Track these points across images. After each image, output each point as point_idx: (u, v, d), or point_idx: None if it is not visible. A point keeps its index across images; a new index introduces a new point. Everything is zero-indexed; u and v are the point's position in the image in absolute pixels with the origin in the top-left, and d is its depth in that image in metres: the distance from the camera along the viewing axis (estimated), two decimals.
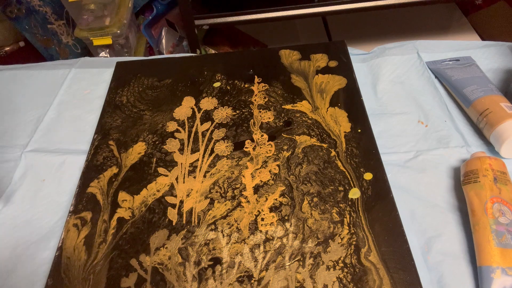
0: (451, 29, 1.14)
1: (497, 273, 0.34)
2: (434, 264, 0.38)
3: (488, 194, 0.38)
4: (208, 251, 0.39)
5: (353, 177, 0.43)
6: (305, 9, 0.91)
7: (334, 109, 0.50)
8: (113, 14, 0.94)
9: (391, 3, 0.90)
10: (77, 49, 1.14)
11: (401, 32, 1.15)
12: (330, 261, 0.37)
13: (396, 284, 0.35)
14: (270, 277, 0.36)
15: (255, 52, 0.65)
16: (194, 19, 0.93)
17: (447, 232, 0.40)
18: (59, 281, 0.38)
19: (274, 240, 0.39)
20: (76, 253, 0.40)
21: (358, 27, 1.17)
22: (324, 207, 0.41)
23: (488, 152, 0.46)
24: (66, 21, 1.09)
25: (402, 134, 0.49)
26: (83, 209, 0.43)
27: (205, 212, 0.42)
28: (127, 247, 0.40)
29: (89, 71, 0.64)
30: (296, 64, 0.57)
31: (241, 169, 0.45)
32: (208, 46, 1.18)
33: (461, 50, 0.59)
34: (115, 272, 0.38)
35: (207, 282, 0.36)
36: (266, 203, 0.42)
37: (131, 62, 0.62)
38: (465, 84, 0.51)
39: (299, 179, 0.43)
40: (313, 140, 0.47)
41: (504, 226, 0.36)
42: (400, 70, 0.57)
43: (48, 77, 0.63)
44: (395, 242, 0.37)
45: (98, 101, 0.57)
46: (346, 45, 0.59)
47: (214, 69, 0.58)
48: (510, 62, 0.56)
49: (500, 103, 0.46)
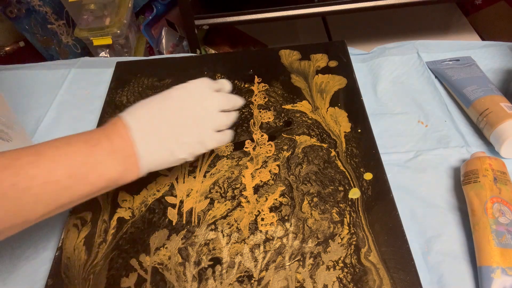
0: (451, 29, 1.14)
1: (497, 273, 0.34)
2: (434, 264, 0.38)
3: (488, 194, 0.38)
4: (208, 251, 0.39)
5: (353, 177, 0.43)
6: (305, 9, 0.91)
7: (334, 109, 0.50)
8: (113, 14, 0.94)
9: (391, 3, 0.90)
10: (77, 49, 1.14)
11: (401, 32, 1.15)
12: (330, 261, 0.37)
13: (396, 284, 0.35)
14: (270, 277, 0.36)
15: (255, 52, 0.65)
16: (194, 19, 0.93)
17: (447, 232, 0.40)
18: (59, 281, 0.38)
19: (274, 240, 0.39)
20: (76, 253, 0.40)
21: (358, 27, 1.16)
22: (324, 207, 0.41)
23: (488, 152, 0.46)
24: (66, 21, 1.09)
25: (402, 134, 0.49)
26: (83, 209, 0.43)
27: (205, 212, 0.42)
28: (127, 247, 0.40)
29: (89, 71, 0.64)
30: (296, 64, 0.57)
31: (241, 169, 0.45)
32: (208, 46, 1.18)
33: (461, 50, 0.59)
34: (115, 272, 0.38)
35: (207, 282, 0.36)
36: (266, 203, 0.42)
37: (131, 62, 0.62)
38: (465, 84, 0.51)
39: (299, 179, 0.43)
40: (313, 140, 0.47)
41: (504, 226, 0.36)
42: (400, 70, 0.57)
43: (48, 77, 0.63)
44: (395, 242, 0.37)
45: (98, 101, 0.57)
46: (346, 45, 0.59)
47: (214, 69, 0.58)
48: (510, 62, 0.56)
49: (500, 103, 0.46)
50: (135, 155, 0.34)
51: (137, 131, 0.34)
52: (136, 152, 0.34)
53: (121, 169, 0.34)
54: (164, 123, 0.35)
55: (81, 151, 0.33)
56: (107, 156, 0.33)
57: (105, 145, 0.33)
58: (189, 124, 0.36)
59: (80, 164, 0.32)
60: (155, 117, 0.35)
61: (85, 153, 0.32)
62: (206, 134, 0.37)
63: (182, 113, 0.36)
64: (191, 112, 0.37)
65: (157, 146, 0.35)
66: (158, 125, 0.35)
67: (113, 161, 0.33)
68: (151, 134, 0.35)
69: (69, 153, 0.32)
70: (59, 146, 0.32)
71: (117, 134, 0.34)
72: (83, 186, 0.32)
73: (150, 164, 0.35)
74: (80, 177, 0.32)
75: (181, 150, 0.36)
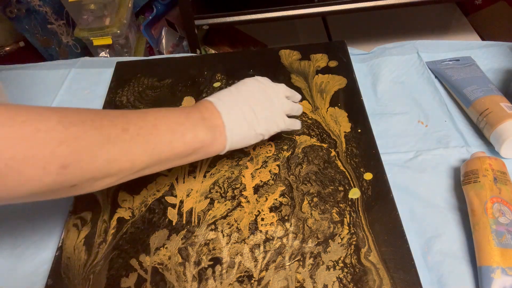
0: (451, 29, 1.14)
1: (497, 273, 0.34)
2: (434, 264, 0.38)
3: (488, 194, 0.38)
4: (208, 251, 0.39)
5: (353, 177, 0.43)
6: (305, 9, 0.91)
7: (334, 109, 0.50)
8: (113, 14, 0.94)
9: (391, 3, 0.90)
10: (77, 49, 1.14)
11: (401, 32, 1.15)
12: (330, 261, 0.37)
13: (396, 284, 0.35)
14: (270, 277, 0.36)
15: (255, 52, 0.65)
16: (194, 19, 0.93)
17: (447, 232, 0.40)
18: (59, 281, 0.38)
19: (274, 240, 0.39)
20: (76, 253, 0.40)
21: (358, 27, 1.16)
22: (324, 207, 0.41)
23: (488, 152, 0.46)
24: (66, 21, 1.09)
25: (402, 134, 0.49)
26: (83, 209, 0.43)
27: (205, 212, 0.42)
28: (127, 247, 0.40)
29: (89, 71, 0.64)
30: (296, 64, 0.57)
31: (241, 169, 0.45)
32: (208, 46, 1.18)
33: (461, 50, 0.59)
34: (115, 272, 0.38)
35: (207, 282, 0.36)
36: (266, 203, 0.42)
37: (131, 62, 0.62)
38: (465, 84, 0.51)
39: (299, 179, 0.43)
40: (313, 140, 0.47)
41: (504, 226, 0.36)
42: (400, 70, 0.57)
43: (48, 77, 0.63)
44: (395, 242, 0.37)
45: (98, 101, 0.57)
46: (346, 45, 0.59)
47: (214, 69, 0.58)
48: (510, 62, 0.56)
49: (500, 103, 0.46)
50: (222, 125, 0.38)
51: (222, 106, 0.39)
52: (223, 122, 0.38)
53: (211, 136, 0.37)
54: (243, 101, 0.40)
55: (179, 115, 0.37)
56: (199, 121, 0.37)
57: (197, 114, 0.38)
58: (264, 103, 0.40)
59: (178, 123, 0.36)
60: (235, 97, 0.40)
61: (182, 116, 0.37)
62: (278, 114, 0.41)
63: (257, 95, 0.41)
64: (264, 94, 0.41)
65: (240, 119, 0.39)
66: (239, 102, 0.39)
67: (205, 127, 0.37)
68: (235, 109, 0.39)
69: (169, 115, 0.37)
70: (160, 110, 0.37)
71: (205, 107, 0.39)
72: (181, 144, 0.36)
73: (235, 136, 0.38)
74: (179, 134, 0.35)
75: (259, 124, 0.40)
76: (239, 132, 0.39)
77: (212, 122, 0.37)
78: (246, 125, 0.39)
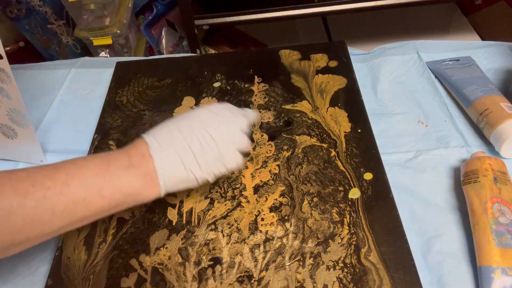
0: (451, 29, 1.14)
1: (497, 273, 0.34)
2: (434, 264, 0.38)
3: (488, 194, 0.38)
4: (208, 251, 0.39)
5: (353, 177, 0.43)
6: (305, 9, 0.91)
7: (334, 109, 0.50)
8: (113, 14, 0.94)
9: (391, 3, 0.90)
10: (77, 49, 1.14)
11: (401, 32, 1.15)
12: (330, 261, 0.37)
13: (396, 284, 0.35)
14: (270, 277, 0.36)
15: (255, 52, 0.65)
16: (194, 19, 0.93)
17: (447, 232, 0.40)
18: (59, 281, 0.38)
19: (274, 240, 0.39)
20: (76, 253, 0.40)
21: (358, 27, 1.16)
22: (324, 207, 0.41)
23: (488, 152, 0.46)
24: (66, 21, 1.09)
25: (402, 134, 0.49)
26: None
27: (205, 212, 0.42)
28: (127, 247, 0.40)
29: (89, 71, 0.64)
30: (296, 64, 0.57)
31: (241, 169, 0.45)
32: (208, 46, 1.18)
33: (461, 50, 0.59)
34: (115, 272, 0.38)
35: (207, 282, 0.36)
36: (266, 203, 0.42)
37: (131, 62, 0.62)
38: (465, 84, 0.51)
39: (299, 179, 0.43)
40: (313, 140, 0.47)
41: (504, 226, 0.36)
42: (400, 70, 0.57)
43: (48, 77, 0.63)
44: (395, 242, 0.37)
45: (98, 101, 0.57)
46: (346, 45, 0.59)
47: (214, 69, 0.58)
48: (510, 62, 0.56)
49: (500, 103, 0.46)
50: (154, 171, 0.34)
51: (156, 149, 0.35)
52: (155, 168, 0.34)
53: (140, 184, 0.34)
54: (183, 142, 0.35)
55: (97, 165, 0.33)
56: (124, 170, 0.34)
57: (123, 160, 0.34)
58: (210, 143, 0.36)
59: (96, 176, 0.32)
60: (175, 137, 0.36)
61: (101, 167, 0.33)
62: (228, 153, 0.37)
63: (203, 132, 0.36)
64: (214, 130, 0.36)
65: (176, 164, 0.35)
66: (177, 144, 0.35)
67: (130, 175, 0.34)
68: (170, 152, 0.35)
69: (84, 167, 0.33)
70: (76, 162, 0.33)
71: (136, 151, 0.35)
72: (99, 199, 0.32)
73: (170, 182, 0.35)
74: (95, 190, 0.32)
75: (201, 168, 0.36)
76: (175, 176, 0.35)
77: (142, 169, 0.34)
78: (183, 170, 0.35)
